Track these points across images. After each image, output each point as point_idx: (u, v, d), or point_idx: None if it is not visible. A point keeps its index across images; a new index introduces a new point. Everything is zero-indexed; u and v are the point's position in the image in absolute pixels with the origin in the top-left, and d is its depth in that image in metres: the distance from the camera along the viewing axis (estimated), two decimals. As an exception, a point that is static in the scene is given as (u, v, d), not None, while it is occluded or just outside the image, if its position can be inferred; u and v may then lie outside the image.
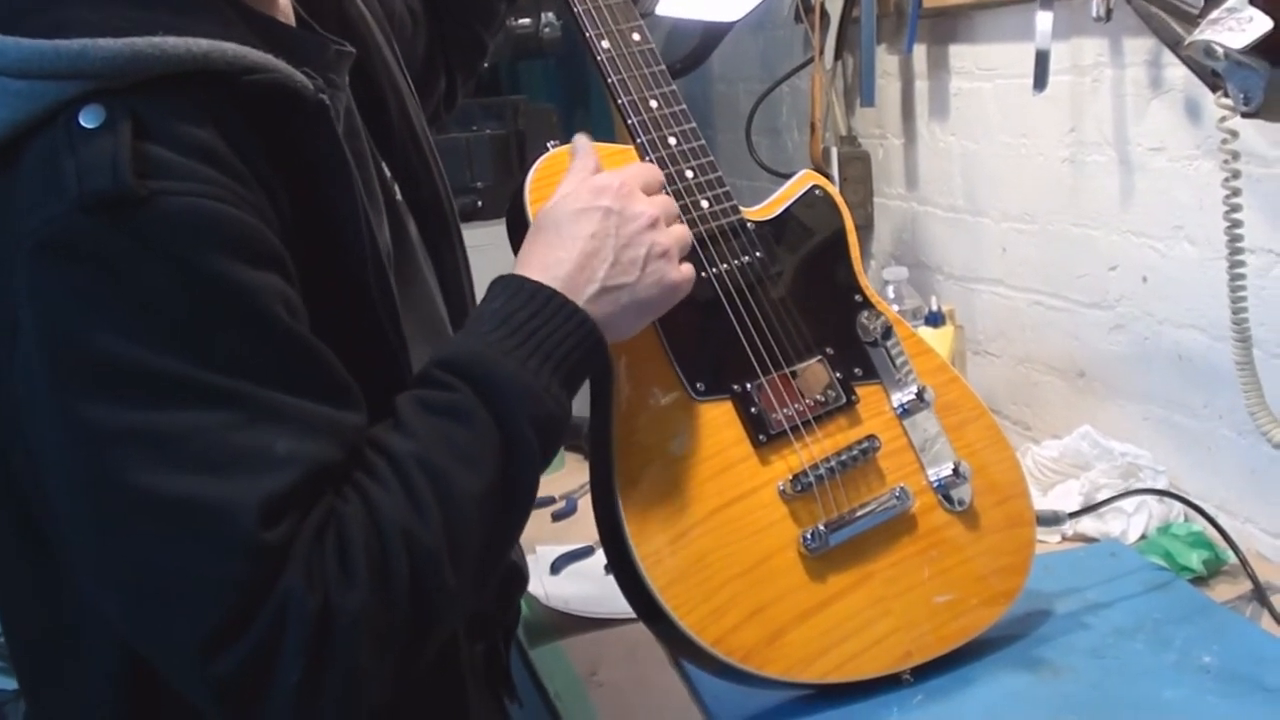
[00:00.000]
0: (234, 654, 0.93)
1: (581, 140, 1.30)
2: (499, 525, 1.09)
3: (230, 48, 1.00)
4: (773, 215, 1.47)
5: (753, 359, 1.39)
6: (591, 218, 1.20)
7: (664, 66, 1.39)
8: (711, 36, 2.60)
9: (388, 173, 1.32)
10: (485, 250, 1.62)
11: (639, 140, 1.36)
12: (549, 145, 1.35)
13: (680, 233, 1.25)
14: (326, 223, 1.08)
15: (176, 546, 0.93)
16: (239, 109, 1.01)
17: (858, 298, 1.48)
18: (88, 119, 0.94)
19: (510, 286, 1.15)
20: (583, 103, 4.02)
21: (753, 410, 1.38)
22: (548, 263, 1.17)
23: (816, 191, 1.50)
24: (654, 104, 1.38)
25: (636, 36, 1.40)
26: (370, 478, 1.02)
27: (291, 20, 1.21)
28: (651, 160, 1.35)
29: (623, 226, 1.20)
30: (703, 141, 1.39)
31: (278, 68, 1.03)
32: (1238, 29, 1.31)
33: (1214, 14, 1.35)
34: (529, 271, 1.16)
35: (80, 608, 1.08)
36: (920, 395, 1.45)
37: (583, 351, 1.14)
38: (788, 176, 1.52)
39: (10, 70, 0.94)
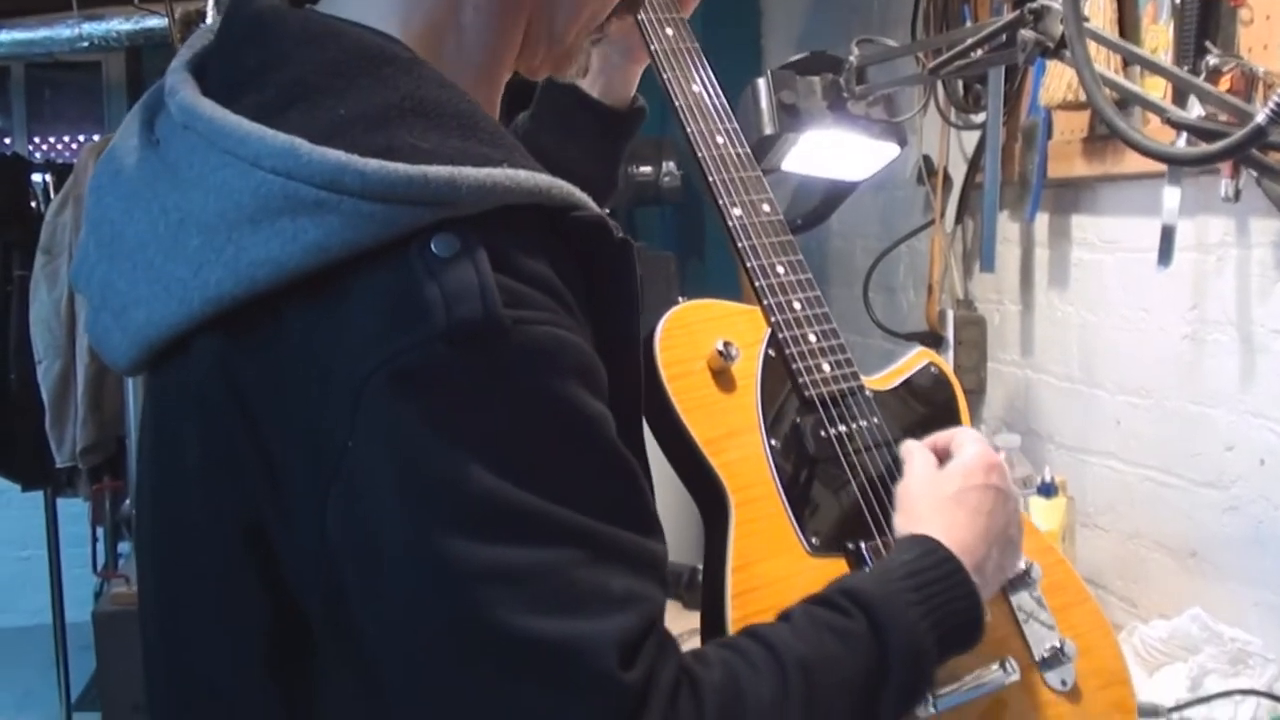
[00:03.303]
0: None
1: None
2: None
3: (563, 184, 0.99)
4: (889, 386, 1.51)
5: (869, 519, 1.39)
6: (988, 495, 1.28)
7: (791, 237, 1.44)
8: (835, 195, 2.62)
9: None
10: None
11: (766, 301, 1.40)
12: (680, 298, 1.38)
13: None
14: (614, 357, 1.04)
15: (543, 687, 0.89)
16: (561, 243, 0.99)
17: (967, 470, 1.48)
18: (441, 248, 0.90)
19: (925, 545, 1.19)
20: (698, 251, 4.07)
21: (865, 570, 1.37)
22: (952, 529, 1.23)
23: (931, 369, 1.54)
24: (781, 269, 1.42)
25: (766, 208, 1.45)
26: (742, 659, 1.01)
27: None
28: (777, 320, 1.38)
29: (1008, 504, 1.29)
30: (826, 309, 1.43)
31: (594, 206, 1.02)
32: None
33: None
34: (935, 534, 1.21)
35: None
36: (1027, 571, 1.44)
37: (965, 630, 1.17)
38: (902, 336, 1.55)
39: (371, 194, 0.90)
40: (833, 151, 2.28)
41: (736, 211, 1.43)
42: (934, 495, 1.29)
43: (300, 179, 0.91)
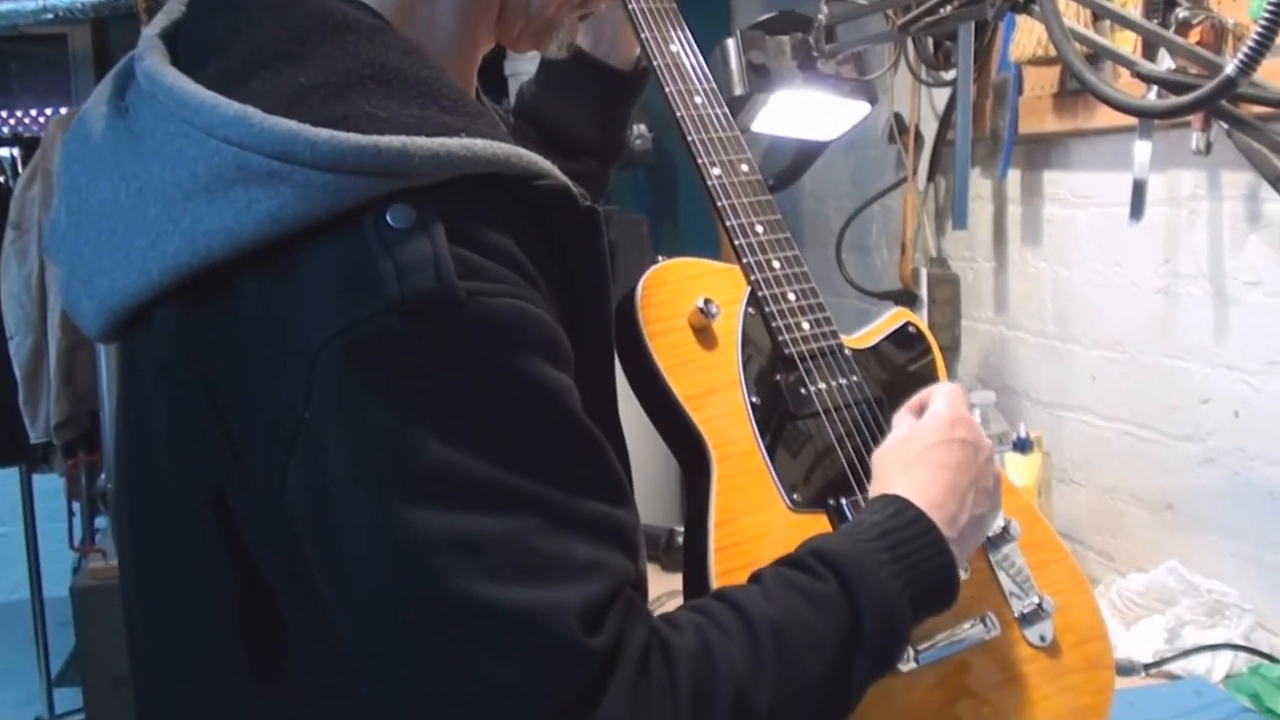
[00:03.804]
0: None
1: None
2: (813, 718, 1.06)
3: (524, 152, 0.98)
4: (868, 345, 1.51)
5: (849, 476, 1.39)
6: (953, 449, 1.25)
7: (769, 197, 1.45)
8: (806, 155, 2.62)
9: None
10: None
11: (746, 260, 1.41)
12: (659, 258, 1.39)
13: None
14: (583, 326, 1.05)
15: (504, 655, 0.89)
16: (523, 213, 0.99)
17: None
18: (396, 219, 0.90)
19: (895, 504, 1.18)
20: (671, 214, 4.07)
21: (837, 530, 1.38)
22: (922, 488, 1.21)
23: (909, 328, 1.54)
24: (760, 229, 1.42)
25: (745, 167, 1.46)
26: (713, 623, 1.00)
27: None
28: (757, 279, 1.39)
29: (978, 456, 1.27)
30: (805, 268, 1.43)
31: (558, 174, 1.01)
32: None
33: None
34: (905, 494, 1.19)
35: None
36: (1006, 529, 1.45)
37: (939, 589, 1.16)
38: (876, 295, 1.55)
39: (322, 164, 0.90)
40: (803, 111, 2.27)
41: (715, 171, 1.43)
42: (901, 457, 1.28)
43: (252, 148, 0.91)
